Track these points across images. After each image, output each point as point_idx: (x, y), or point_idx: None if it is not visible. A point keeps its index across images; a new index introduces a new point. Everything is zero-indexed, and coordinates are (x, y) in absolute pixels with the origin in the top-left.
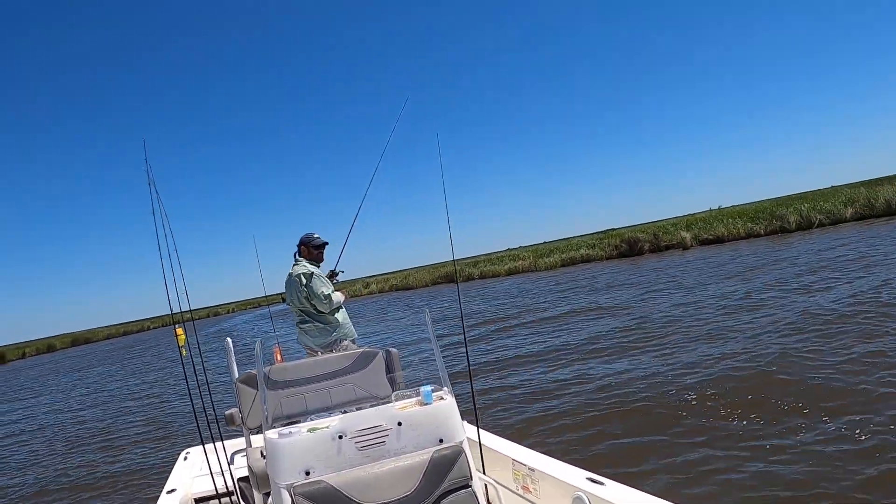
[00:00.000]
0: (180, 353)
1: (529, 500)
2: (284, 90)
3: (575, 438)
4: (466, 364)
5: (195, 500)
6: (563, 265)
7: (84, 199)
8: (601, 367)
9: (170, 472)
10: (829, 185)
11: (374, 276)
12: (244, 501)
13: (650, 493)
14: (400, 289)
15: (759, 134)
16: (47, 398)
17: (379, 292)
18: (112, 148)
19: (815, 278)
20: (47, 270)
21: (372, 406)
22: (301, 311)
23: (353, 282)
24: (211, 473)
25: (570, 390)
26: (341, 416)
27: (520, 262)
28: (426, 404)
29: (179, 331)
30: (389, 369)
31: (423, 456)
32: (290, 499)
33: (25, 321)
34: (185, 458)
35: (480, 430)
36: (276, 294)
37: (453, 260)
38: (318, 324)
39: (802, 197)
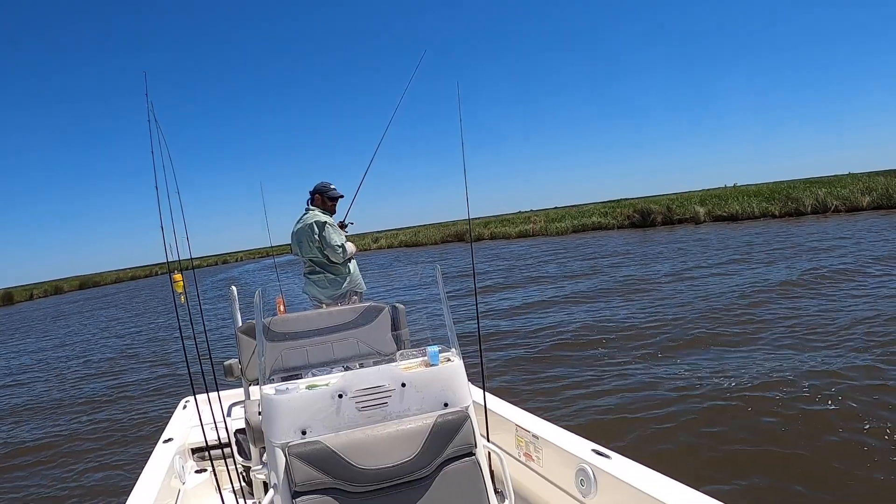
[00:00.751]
0: (179, 301)
1: (531, 468)
2: (300, 34)
3: (582, 407)
4: (476, 325)
5: (192, 449)
6: (574, 231)
7: (95, 137)
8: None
9: (168, 421)
10: (847, 172)
11: (383, 231)
12: (241, 454)
13: (656, 470)
14: (409, 245)
15: (777, 114)
16: (52, 340)
17: (388, 247)
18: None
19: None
20: (58, 212)
21: (375, 363)
22: (311, 260)
23: (363, 236)
24: (206, 424)
25: (583, 357)
26: (342, 373)
27: (531, 226)
28: (432, 365)
29: (178, 276)
30: (395, 326)
31: (427, 420)
32: (284, 459)
33: (35, 262)
34: (185, 407)
35: (481, 390)
36: (283, 245)
37: (468, 218)
38: (328, 274)
39: (819, 181)
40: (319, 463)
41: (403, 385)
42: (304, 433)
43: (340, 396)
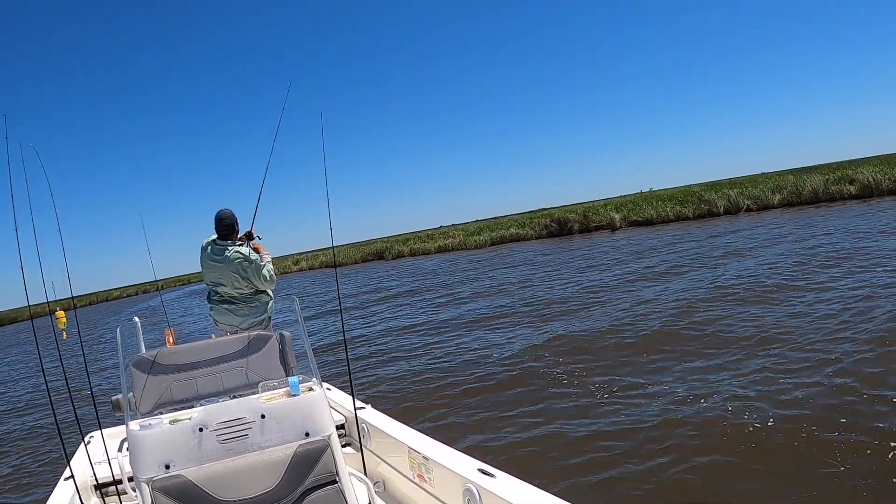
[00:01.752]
0: (60, 337)
1: (424, 489)
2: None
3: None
4: (345, 354)
5: (94, 486)
6: (492, 244)
7: None
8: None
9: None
10: (759, 172)
11: (303, 252)
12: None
13: (539, 488)
14: (330, 266)
15: (690, 118)
16: None
17: (309, 269)
18: None
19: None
20: None
21: (236, 397)
22: (237, 290)
23: (284, 258)
24: (104, 461)
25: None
26: (204, 407)
27: (450, 240)
28: (293, 395)
29: (60, 313)
30: (283, 353)
31: (287, 450)
32: (149, 494)
33: None
34: (88, 443)
35: (380, 413)
36: (169, 278)
37: (332, 247)
38: (252, 304)
39: (732, 182)
40: (182, 496)
41: (263, 417)
42: (167, 467)
43: (201, 430)
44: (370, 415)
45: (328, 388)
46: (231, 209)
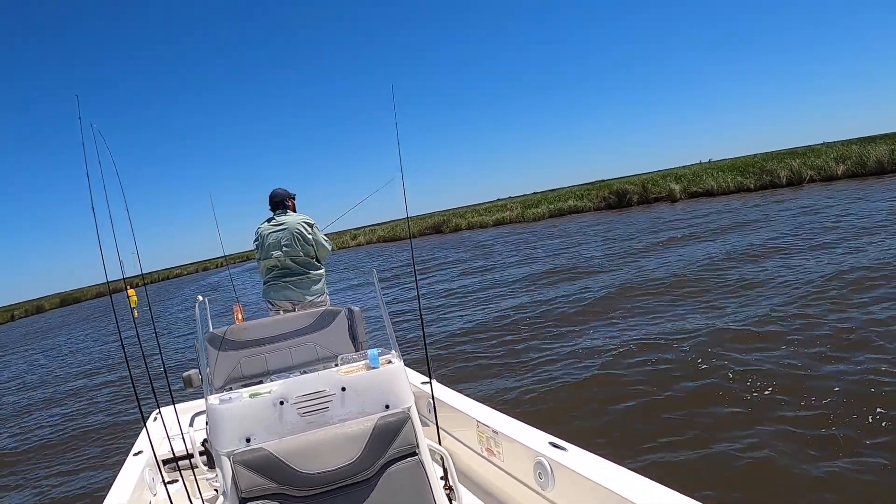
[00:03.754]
0: (133, 315)
1: (493, 463)
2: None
3: (537, 399)
4: (421, 326)
5: (163, 461)
6: (550, 216)
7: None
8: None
9: (139, 433)
10: (821, 142)
11: (361, 227)
12: (208, 464)
13: (610, 460)
14: (387, 240)
15: (751, 88)
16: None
17: (367, 243)
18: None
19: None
20: (31, 230)
21: (316, 370)
22: (296, 262)
23: (341, 234)
24: (177, 435)
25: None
26: (283, 380)
27: (507, 213)
28: (373, 368)
29: (131, 292)
30: (352, 328)
31: (368, 423)
32: (230, 467)
33: (14, 282)
34: (155, 420)
35: (447, 389)
36: (236, 253)
37: (406, 217)
38: (312, 273)
39: (793, 153)
40: (264, 469)
41: (343, 389)
42: (248, 441)
43: (282, 403)
44: (437, 389)
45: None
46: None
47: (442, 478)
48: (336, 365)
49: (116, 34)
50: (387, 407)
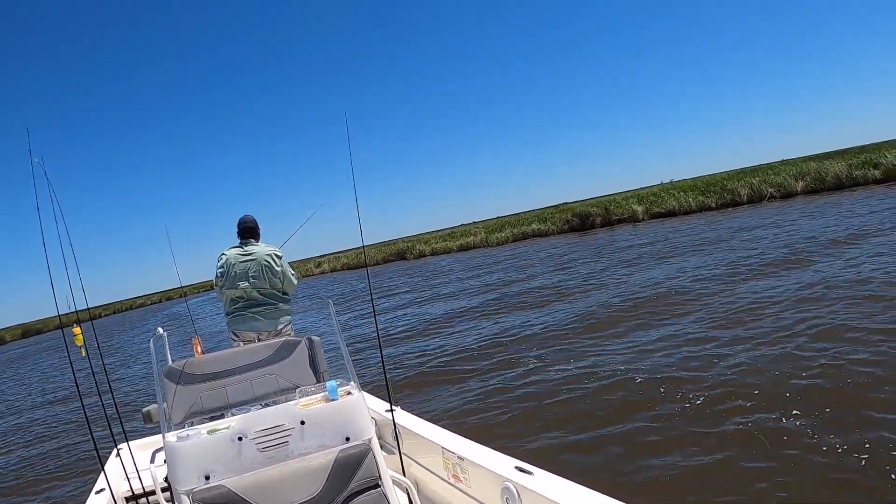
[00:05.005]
0: (80, 353)
1: (460, 490)
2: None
3: (500, 423)
4: (380, 352)
5: (125, 498)
6: (514, 240)
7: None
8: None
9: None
10: (780, 160)
11: (325, 254)
12: (172, 500)
13: (578, 483)
14: (351, 267)
15: (711, 107)
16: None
17: (331, 271)
18: None
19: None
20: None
21: (277, 402)
22: (262, 294)
23: (305, 261)
24: (140, 472)
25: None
26: (242, 415)
27: (471, 238)
28: (332, 400)
29: (76, 330)
30: (312, 358)
31: (328, 456)
32: None
33: None
34: (117, 456)
35: (411, 415)
36: (192, 284)
37: (363, 246)
38: (279, 305)
39: (753, 171)
40: None
41: (303, 423)
42: (207, 478)
43: (240, 439)
44: (400, 416)
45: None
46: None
47: None
48: (295, 398)
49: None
50: (347, 439)
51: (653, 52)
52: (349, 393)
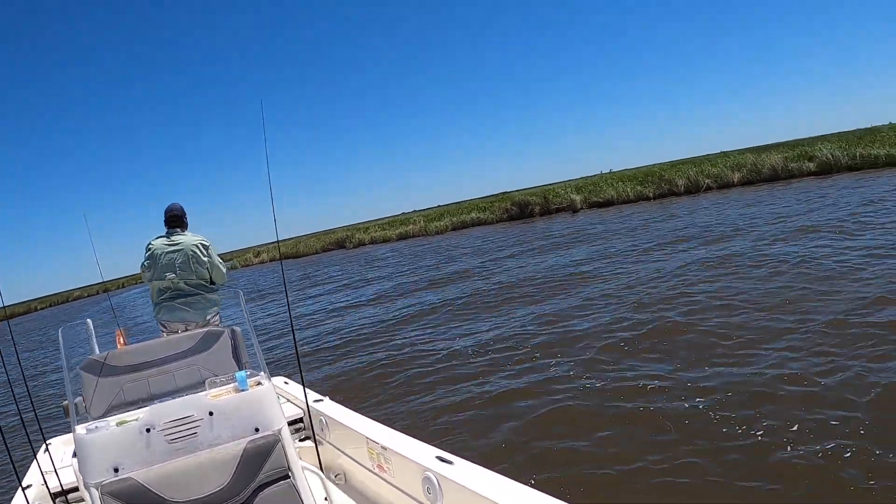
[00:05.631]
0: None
1: (384, 479)
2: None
3: (424, 412)
4: (293, 340)
5: (53, 494)
6: (453, 229)
7: None
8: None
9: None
10: (719, 151)
11: (265, 244)
12: None
13: (498, 473)
14: (290, 257)
15: (652, 100)
16: None
17: (270, 261)
18: None
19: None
20: None
21: (182, 395)
22: (189, 284)
23: (245, 251)
24: (64, 467)
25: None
26: (150, 407)
27: (410, 227)
28: (241, 391)
29: None
30: (235, 349)
31: (237, 447)
32: (98, 498)
33: None
34: (45, 451)
35: (338, 405)
36: (116, 279)
37: (277, 241)
38: (207, 295)
39: (692, 162)
40: (133, 499)
41: (211, 414)
42: (116, 471)
43: (149, 430)
44: (328, 407)
45: (286, 382)
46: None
47: (326, 499)
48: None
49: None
50: (257, 430)
51: (593, 43)
52: (259, 383)
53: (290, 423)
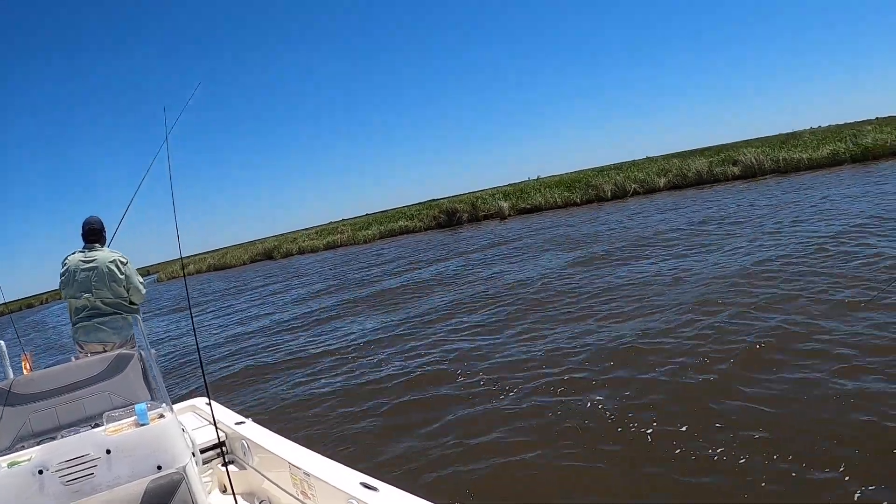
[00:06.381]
0: None
1: None
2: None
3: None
4: (199, 354)
5: None
6: (381, 237)
7: None
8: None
9: None
10: (644, 157)
11: (191, 255)
12: None
13: (422, 497)
14: (218, 268)
15: (580, 105)
16: None
17: (197, 273)
18: None
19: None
20: None
21: (77, 432)
22: (106, 304)
23: (171, 263)
24: None
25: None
26: (42, 446)
27: (338, 236)
28: (142, 425)
29: None
30: (146, 372)
31: (138, 487)
32: None
33: None
34: None
35: (259, 427)
36: (16, 300)
37: (181, 258)
38: (122, 317)
39: (619, 167)
40: None
41: (109, 451)
42: None
43: (41, 472)
44: (250, 430)
45: (208, 403)
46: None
47: None
48: (104, 423)
49: None
50: (159, 468)
51: (527, 50)
52: (161, 416)
53: (212, 448)
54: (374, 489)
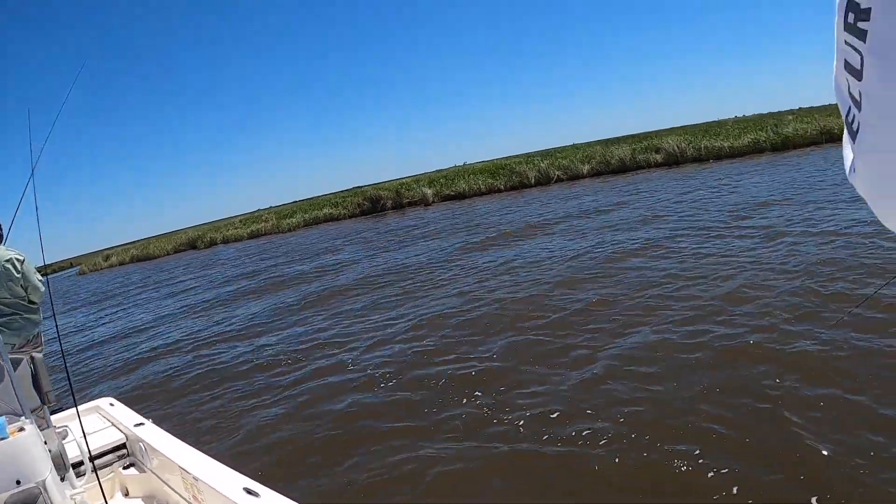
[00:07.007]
0: None
1: None
2: None
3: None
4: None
5: None
6: (305, 225)
7: None
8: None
9: None
10: (571, 144)
11: (114, 247)
12: None
13: (299, 502)
14: (141, 259)
15: (505, 92)
16: None
17: (119, 264)
18: None
19: None
20: None
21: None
22: (4, 304)
23: (94, 254)
24: None
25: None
26: None
27: (262, 225)
28: (1, 440)
29: None
30: (36, 377)
31: None
32: None
33: None
34: None
35: (157, 428)
36: None
37: (44, 264)
38: (27, 316)
39: (544, 154)
40: None
41: None
42: None
43: None
44: (148, 432)
45: (112, 404)
46: None
47: None
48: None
49: None
50: (18, 483)
51: (460, 33)
52: (22, 429)
53: (113, 450)
54: (256, 494)
